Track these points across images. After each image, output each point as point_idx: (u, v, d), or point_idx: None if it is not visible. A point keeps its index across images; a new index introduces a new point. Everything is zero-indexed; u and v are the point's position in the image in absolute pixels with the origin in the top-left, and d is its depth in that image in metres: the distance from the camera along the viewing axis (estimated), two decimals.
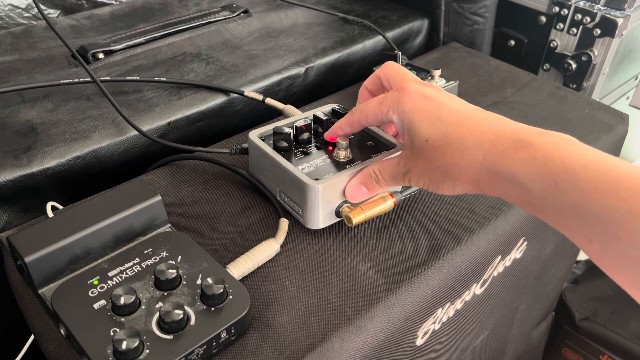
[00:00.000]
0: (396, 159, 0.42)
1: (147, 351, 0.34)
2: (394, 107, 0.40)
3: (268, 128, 0.50)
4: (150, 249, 0.41)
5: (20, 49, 0.69)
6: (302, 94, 0.71)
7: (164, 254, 0.40)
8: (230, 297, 0.37)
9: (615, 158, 0.32)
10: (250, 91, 0.63)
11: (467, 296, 0.50)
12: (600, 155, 0.32)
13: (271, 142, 0.49)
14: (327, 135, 0.48)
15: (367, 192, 0.44)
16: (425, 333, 0.46)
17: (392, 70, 0.45)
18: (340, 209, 0.45)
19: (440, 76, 0.61)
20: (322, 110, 0.52)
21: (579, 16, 0.76)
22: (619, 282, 0.31)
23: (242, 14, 0.79)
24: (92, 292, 0.37)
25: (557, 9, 0.78)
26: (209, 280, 0.37)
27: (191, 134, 0.61)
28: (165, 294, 0.37)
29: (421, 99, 0.39)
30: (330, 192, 0.44)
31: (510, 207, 0.51)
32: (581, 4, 0.76)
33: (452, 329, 0.51)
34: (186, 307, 0.36)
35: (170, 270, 0.38)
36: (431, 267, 0.44)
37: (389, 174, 0.42)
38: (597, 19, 0.75)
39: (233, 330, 0.37)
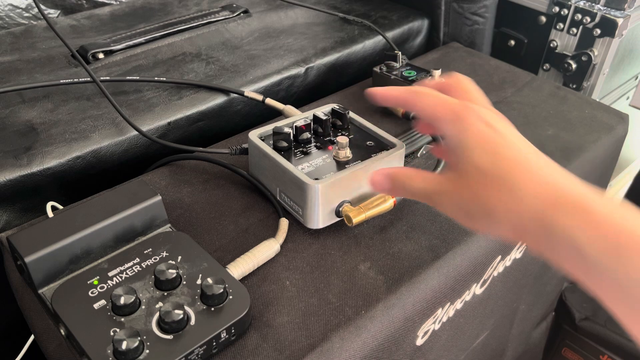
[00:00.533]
0: (434, 175, 0.38)
1: (147, 351, 0.34)
2: (451, 122, 0.36)
3: (268, 128, 0.50)
4: (150, 249, 0.41)
5: (20, 49, 0.69)
6: (302, 94, 0.71)
7: (164, 254, 0.40)
8: (230, 297, 0.37)
9: None
10: (250, 91, 0.63)
11: (467, 296, 0.50)
12: None
13: (271, 142, 0.49)
14: (376, 91, 0.42)
15: (388, 189, 0.40)
16: (425, 333, 0.46)
17: (463, 84, 0.40)
18: (340, 209, 0.45)
19: (441, 76, 0.61)
20: (322, 110, 0.52)
21: (579, 16, 0.76)
22: None
23: (242, 14, 0.79)
24: (92, 292, 0.37)
25: (557, 9, 0.78)
26: (209, 280, 0.37)
27: (191, 134, 0.61)
28: (165, 294, 0.37)
29: (483, 126, 0.35)
30: (330, 192, 0.44)
31: None
32: (581, 4, 0.76)
33: (452, 329, 0.51)
34: (186, 307, 0.36)
35: (170, 270, 0.38)
36: (431, 267, 0.44)
37: (421, 187, 0.38)
38: (597, 19, 0.75)
39: (233, 330, 0.37)
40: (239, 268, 0.41)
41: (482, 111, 0.36)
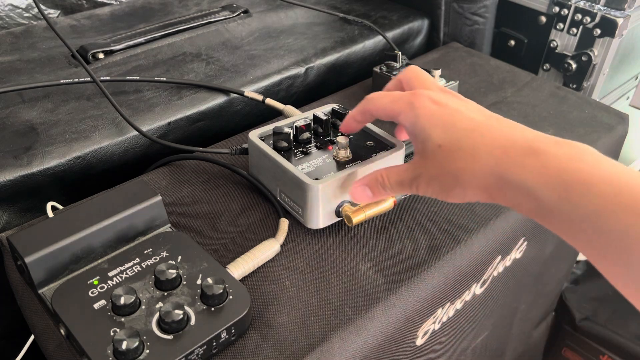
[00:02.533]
0: (405, 165, 0.41)
1: (147, 351, 0.34)
2: (406, 111, 0.39)
3: (268, 128, 0.50)
4: (150, 249, 0.41)
5: (20, 49, 0.69)
6: (302, 94, 0.71)
7: (164, 254, 0.40)
8: (230, 297, 0.37)
9: (632, 171, 0.31)
10: (250, 91, 0.63)
11: (467, 296, 0.50)
12: (618, 167, 0.31)
13: (271, 142, 0.49)
14: (343, 129, 0.46)
15: (370, 196, 0.43)
16: (425, 333, 0.46)
17: (412, 73, 0.44)
18: (340, 209, 0.45)
19: (440, 76, 0.61)
20: (322, 110, 0.52)
21: (579, 16, 0.76)
22: (630, 298, 0.31)
23: (242, 14, 0.79)
24: (92, 292, 0.37)
25: (557, 9, 0.78)
26: (209, 280, 0.37)
27: (191, 134, 0.61)
28: (165, 294, 0.37)
29: (434, 106, 0.38)
30: (330, 192, 0.44)
31: None
32: (581, 4, 0.76)
33: (452, 329, 0.51)
34: (186, 307, 0.36)
35: (170, 270, 0.38)
36: (431, 267, 0.44)
37: (396, 180, 0.41)
38: (597, 19, 0.75)
39: (233, 330, 0.37)
40: (239, 268, 0.41)
41: (431, 94, 0.39)
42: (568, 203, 0.31)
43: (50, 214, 0.47)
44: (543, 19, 0.80)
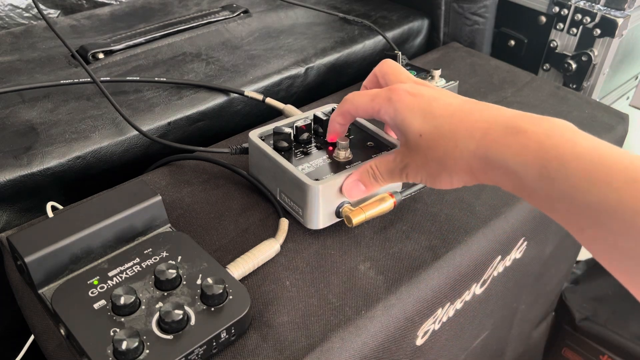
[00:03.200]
0: (392, 155, 0.42)
1: (147, 351, 0.34)
2: (385, 106, 0.40)
3: (268, 128, 0.50)
4: (150, 249, 0.41)
5: (20, 49, 0.69)
6: (302, 94, 0.71)
7: (164, 254, 0.40)
8: (230, 297, 0.37)
9: (611, 146, 0.32)
10: (250, 91, 0.63)
11: (467, 296, 0.50)
12: (595, 142, 0.32)
13: (271, 142, 0.48)
14: (329, 137, 0.48)
15: (364, 190, 0.44)
16: (425, 333, 0.46)
17: (388, 68, 0.45)
18: (340, 209, 0.45)
19: (440, 76, 0.61)
20: (322, 110, 0.52)
21: (579, 16, 0.76)
22: (611, 271, 0.31)
23: (242, 14, 0.79)
24: (92, 292, 0.37)
25: (557, 9, 0.78)
26: (209, 280, 0.37)
27: (191, 134, 0.61)
28: (165, 294, 0.37)
29: (411, 97, 0.39)
30: (330, 192, 0.44)
31: (510, 207, 0.51)
32: (581, 4, 0.76)
33: (452, 329, 0.51)
34: (186, 307, 0.36)
35: (170, 270, 0.38)
36: (431, 267, 0.44)
37: (386, 169, 0.42)
38: (597, 19, 0.75)
39: (233, 330, 0.37)
40: (239, 268, 0.41)
41: (406, 86, 0.40)
42: (547, 180, 0.31)
43: (50, 214, 0.47)
44: (543, 19, 0.80)
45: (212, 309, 0.37)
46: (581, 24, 0.76)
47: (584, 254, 0.86)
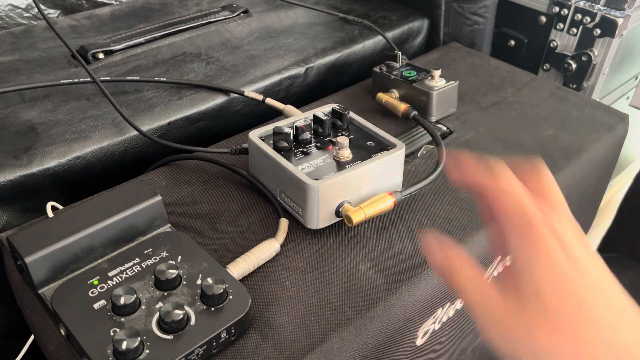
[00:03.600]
0: (491, 286, 0.30)
1: (147, 351, 0.34)
2: (525, 237, 0.29)
3: (268, 128, 0.50)
4: (150, 249, 0.41)
5: (20, 49, 0.69)
6: (302, 94, 0.71)
7: (164, 254, 0.40)
8: (230, 297, 0.37)
9: None
10: (250, 91, 0.63)
11: None
12: None
13: (271, 142, 0.49)
14: (453, 176, 0.34)
15: (438, 261, 0.32)
16: (425, 333, 0.46)
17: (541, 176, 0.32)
18: (340, 209, 0.45)
19: (440, 76, 0.61)
20: (322, 110, 0.52)
21: (579, 16, 0.76)
22: None
23: (242, 14, 0.79)
24: (92, 292, 0.37)
25: (557, 9, 0.78)
26: (209, 280, 0.37)
27: (191, 134, 0.61)
28: (165, 294, 0.37)
29: (564, 259, 0.28)
30: (331, 192, 0.44)
31: None
32: (581, 4, 0.76)
33: (452, 329, 0.51)
34: (186, 307, 0.36)
35: (170, 270, 0.38)
36: (431, 267, 0.44)
37: (468, 283, 0.31)
38: (597, 19, 0.75)
39: (233, 330, 0.37)
40: (239, 268, 0.41)
41: (561, 231, 0.29)
42: None
43: (50, 214, 0.47)
44: (543, 19, 0.80)
45: (212, 309, 0.37)
46: (581, 24, 0.76)
47: None
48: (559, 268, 0.28)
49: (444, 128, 0.61)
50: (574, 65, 0.78)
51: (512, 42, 0.85)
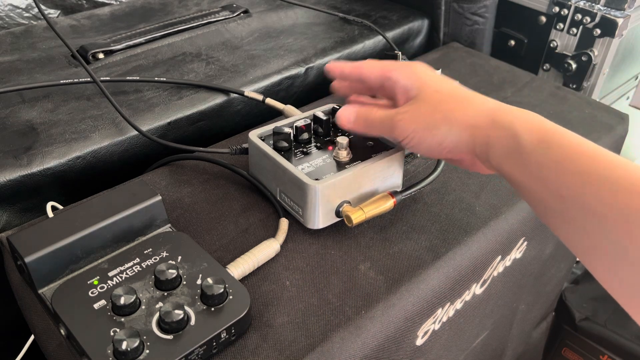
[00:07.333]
0: (394, 106, 0.44)
1: (147, 351, 0.34)
2: (402, 68, 0.44)
3: (268, 128, 0.50)
4: (151, 249, 0.41)
5: (20, 49, 0.69)
6: (302, 94, 0.71)
7: (164, 254, 0.40)
8: (230, 297, 0.37)
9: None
10: (250, 91, 0.63)
11: (467, 296, 0.50)
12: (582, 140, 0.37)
13: (271, 142, 0.49)
14: (328, 66, 0.49)
15: (352, 121, 0.46)
16: (425, 333, 0.46)
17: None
18: (340, 209, 0.45)
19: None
20: (322, 110, 0.52)
21: (579, 16, 0.76)
22: (567, 240, 0.36)
23: (242, 14, 0.79)
24: (92, 292, 0.37)
25: (557, 9, 0.78)
26: (209, 280, 0.37)
27: (191, 134, 0.61)
28: (165, 294, 0.37)
29: (430, 71, 0.44)
30: (330, 192, 0.44)
31: (510, 207, 0.51)
32: (581, 4, 0.76)
33: (452, 329, 0.51)
34: (186, 307, 0.36)
35: (170, 270, 0.38)
36: (431, 267, 0.44)
37: (381, 114, 0.44)
38: (597, 19, 0.75)
39: (233, 331, 0.37)
40: (239, 268, 0.41)
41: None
42: (545, 147, 0.36)
43: (50, 214, 0.47)
44: (543, 19, 0.80)
45: (212, 309, 0.37)
46: (581, 24, 0.76)
47: None
48: (436, 77, 0.44)
49: None
50: (574, 65, 0.78)
51: (512, 42, 0.85)
